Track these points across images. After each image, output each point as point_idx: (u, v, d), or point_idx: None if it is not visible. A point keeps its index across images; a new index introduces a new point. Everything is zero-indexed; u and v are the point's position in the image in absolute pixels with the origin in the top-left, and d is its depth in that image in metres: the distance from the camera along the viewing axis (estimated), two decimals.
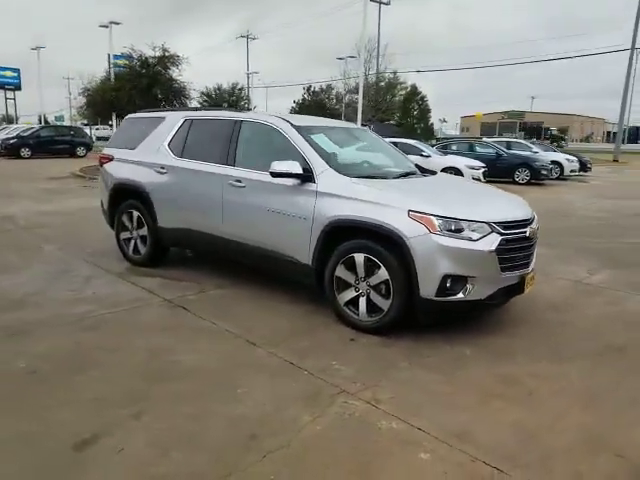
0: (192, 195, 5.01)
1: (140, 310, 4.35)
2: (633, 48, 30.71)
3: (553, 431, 2.70)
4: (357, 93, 43.88)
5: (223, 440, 2.54)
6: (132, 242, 5.67)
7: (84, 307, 4.35)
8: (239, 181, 4.60)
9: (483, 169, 14.73)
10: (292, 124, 4.55)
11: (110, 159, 5.91)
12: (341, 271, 4.01)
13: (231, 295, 4.77)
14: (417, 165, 5.22)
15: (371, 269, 3.84)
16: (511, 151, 18.31)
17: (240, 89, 45.52)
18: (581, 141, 75.73)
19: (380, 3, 42.44)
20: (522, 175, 16.74)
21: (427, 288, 3.61)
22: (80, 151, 26.06)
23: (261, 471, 2.31)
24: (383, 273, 3.76)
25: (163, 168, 5.25)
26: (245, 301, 4.60)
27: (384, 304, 3.81)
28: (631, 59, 30.73)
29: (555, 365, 3.50)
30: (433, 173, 5.07)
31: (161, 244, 5.49)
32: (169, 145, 5.31)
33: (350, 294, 4.00)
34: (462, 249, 3.60)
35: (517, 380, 3.26)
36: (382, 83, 39.96)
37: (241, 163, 4.73)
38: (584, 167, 20.29)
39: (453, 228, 3.62)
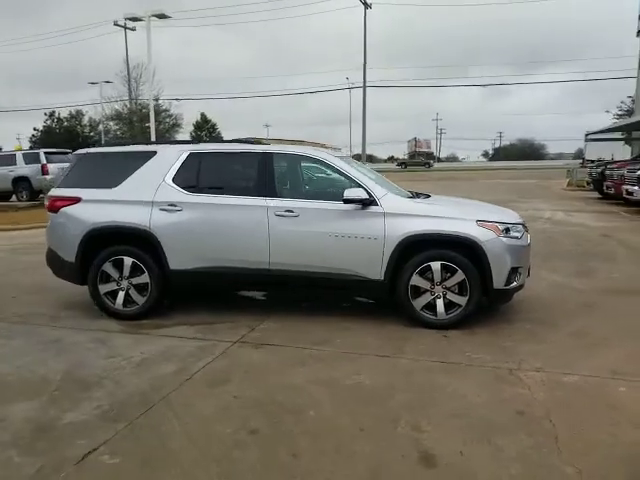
0: (222, 231, 4.79)
1: (234, 353, 4.06)
2: (365, 86, 37.22)
3: None
4: (114, 119, 41.70)
5: None
6: (121, 294, 4.96)
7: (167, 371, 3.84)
8: (290, 211, 4.68)
9: None
10: (333, 155, 4.89)
11: (75, 201, 5.02)
12: (417, 280, 4.58)
13: (289, 326, 4.74)
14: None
15: (447, 273, 4.54)
16: None
17: None
18: None
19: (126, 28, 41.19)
20: None
21: (499, 281, 4.51)
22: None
23: None
24: (459, 275, 4.50)
25: (174, 205, 4.83)
26: (311, 328, 4.68)
27: (461, 300, 4.54)
28: (364, 92, 37.18)
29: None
30: (418, 195, 5.90)
31: (171, 289, 4.99)
32: (174, 181, 4.91)
33: (426, 299, 4.60)
34: (516, 246, 4.62)
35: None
36: (144, 110, 38.83)
37: (286, 194, 4.84)
38: None
39: (508, 231, 4.61)
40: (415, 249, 4.56)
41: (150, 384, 3.56)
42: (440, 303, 4.58)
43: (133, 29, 42.58)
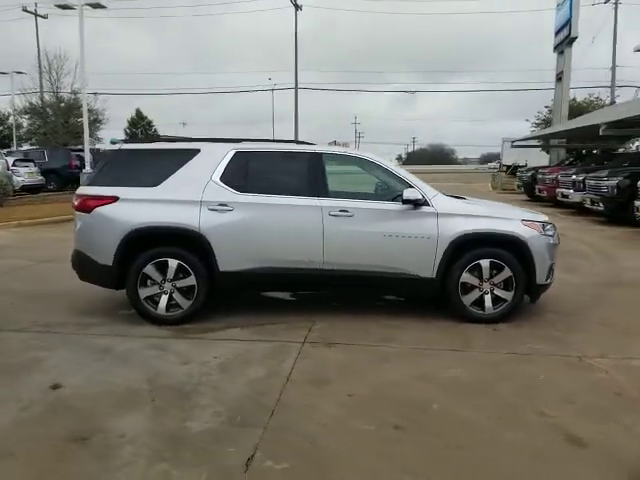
0: (276, 231, 4.73)
1: (311, 353, 4.03)
2: (297, 88, 37.42)
3: None
4: (28, 113, 38.31)
5: None
6: (164, 297, 4.72)
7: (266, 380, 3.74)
8: (345, 211, 4.72)
9: None
10: (379, 157, 5.01)
11: (111, 200, 4.69)
12: (467, 277, 4.81)
13: (341, 325, 4.76)
14: None
15: (494, 270, 4.81)
16: None
17: None
18: None
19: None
20: None
21: (541, 276, 4.86)
22: None
23: None
24: (507, 272, 4.80)
25: (224, 205, 4.68)
26: (363, 326, 4.74)
27: (507, 295, 4.84)
28: (296, 95, 37.38)
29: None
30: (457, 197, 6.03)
31: (219, 291, 4.83)
32: (222, 180, 4.76)
33: (475, 295, 4.84)
34: (552, 244, 5.00)
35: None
36: (62, 104, 36.18)
37: (337, 194, 4.87)
38: None
39: (545, 229, 4.99)
40: (466, 248, 4.79)
41: (251, 388, 3.46)
42: (488, 299, 4.84)
43: (45, 17, 39.62)
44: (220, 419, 3.04)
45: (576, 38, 22.12)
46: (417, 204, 4.76)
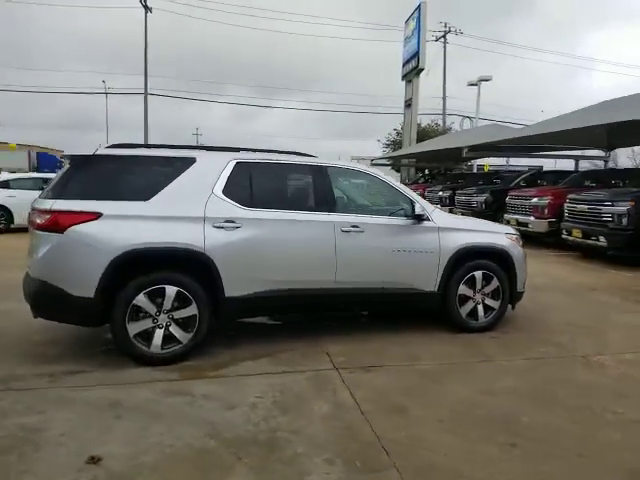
0: (289, 250, 4.34)
1: (354, 380, 3.74)
2: (146, 94, 35.23)
3: None
4: None
5: None
6: (158, 332, 3.99)
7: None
8: (356, 226, 4.54)
9: None
10: (383, 173, 4.94)
11: (93, 216, 3.81)
12: (463, 289, 4.98)
13: (356, 347, 4.52)
14: None
15: (484, 281, 5.06)
16: None
17: None
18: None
19: None
20: None
21: (520, 284, 5.26)
22: None
23: None
24: (495, 282, 5.08)
25: (231, 221, 4.14)
26: (378, 346, 4.58)
27: (495, 304, 5.12)
28: (146, 100, 35.18)
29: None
30: None
31: (221, 320, 4.24)
32: (224, 193, 4.21)
33: (470, 306, 5.04)
34: (524, 254, 5.44)
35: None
36: None
37: (345, 209, 4.66)
38: None
39: (519, 241, 5.41)
40: (462, 261, 4.96)
41: (334, 426, 3.10)
42: (480, 308, 5.07)
43: None
44: (339, 467, 2.66)
45: (423, 69, 24.75)
46: (421, 219, 4.80)
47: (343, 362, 4.16)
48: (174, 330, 4.03)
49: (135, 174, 4.11)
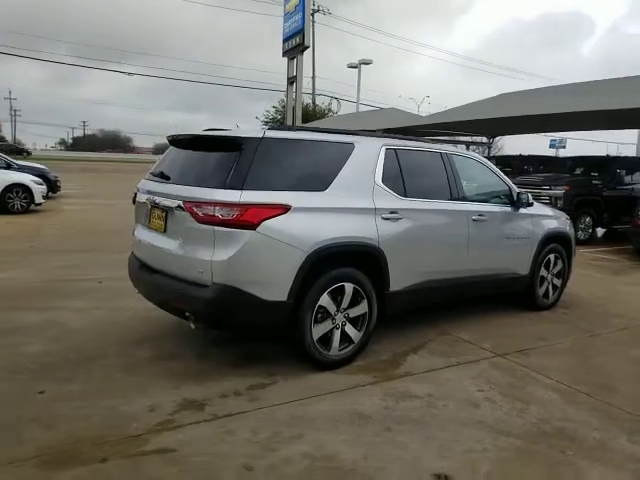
0: (437, 240, 4.31)
1: (521, 369, 3.91)
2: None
3: None
4: None
5: None
6: (336, 333, 3.69)
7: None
8: (482, 215, 4.65)
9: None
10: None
11: (282, 210, 3.32)
12: (543, 271, 5.42)
13: (474, 329, 4.68)
14: None
15: (554, 263, 5.56)
16: None
17: None
18: None
19: None
20: None
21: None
22: None
23: None
24: (560, 263, 5.61)
25: (395, 212, 3.95)
26: (502, 330, 4.79)
27: (559, 283, 5.66)
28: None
29: None
30: None
31: (385, 316, 4.04)
32: (383, 182, 3.99)
33: (545, 286, 5.50)
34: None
35: None
36: None
37: (470, 197, 4.72)
38: (53, 187, 14.93)
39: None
40: (545, 245, 5.36)
41: (585, 408, 3.25)
42: (550, 288, 5.56)
43: None
44: None
45: (308, 47, 24.80)
46: (522, 206, 5.07)
47: (494, 348, 4.28)
48: (349, 329, 3.76)
49: (305, 161, 3.66)
